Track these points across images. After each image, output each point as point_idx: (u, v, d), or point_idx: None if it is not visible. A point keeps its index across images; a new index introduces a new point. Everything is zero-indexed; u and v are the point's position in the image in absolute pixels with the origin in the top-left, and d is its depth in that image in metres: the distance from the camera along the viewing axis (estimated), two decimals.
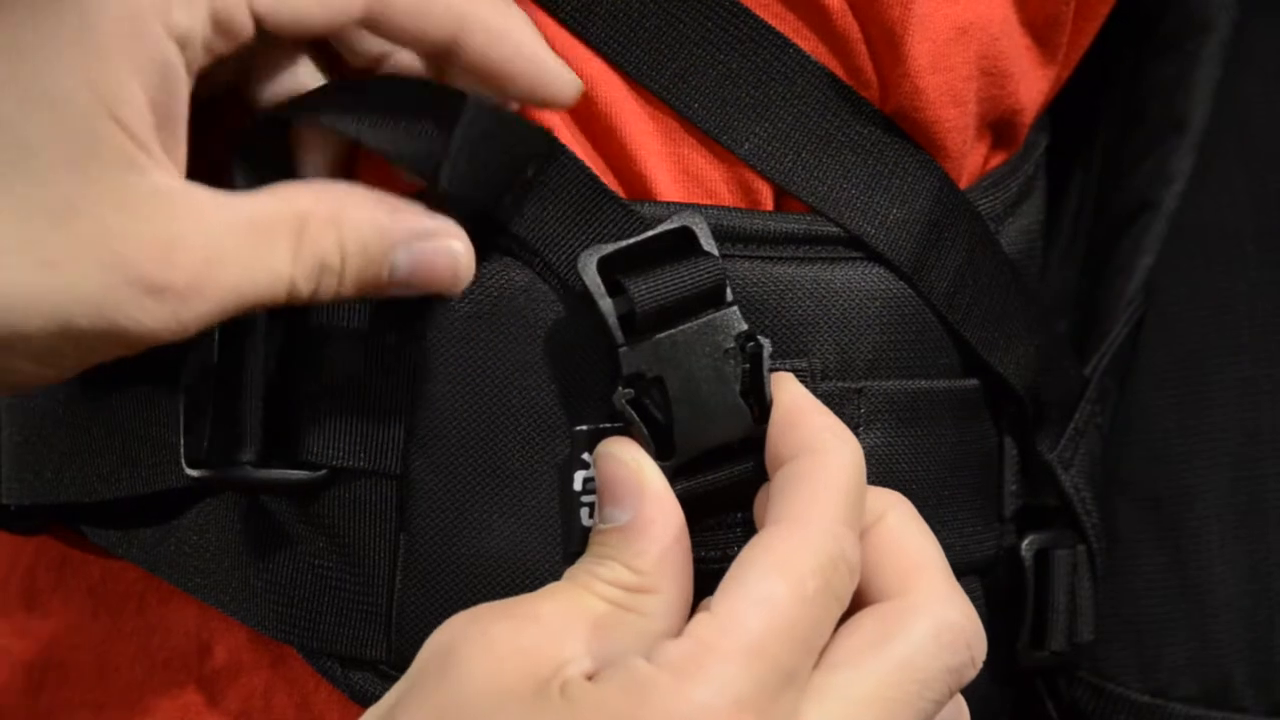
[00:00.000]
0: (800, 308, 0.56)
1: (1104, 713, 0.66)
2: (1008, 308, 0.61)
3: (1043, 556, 0.63)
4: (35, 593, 0.63)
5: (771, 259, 0.56)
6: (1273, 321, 0.66)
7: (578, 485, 0.54)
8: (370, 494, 0.56)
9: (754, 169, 0.56)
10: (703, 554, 0.52)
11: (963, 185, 0.60)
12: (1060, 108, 0.67)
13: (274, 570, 0.57)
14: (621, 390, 0.51)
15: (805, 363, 0.56)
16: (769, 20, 0.56)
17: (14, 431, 0.60)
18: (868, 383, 0.57)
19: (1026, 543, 0.63)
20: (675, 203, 0.56)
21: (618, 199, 0.55)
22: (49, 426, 0.59)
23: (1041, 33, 0.61)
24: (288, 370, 0.55)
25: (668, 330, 0.52)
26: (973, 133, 0.60)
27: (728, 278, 0.53)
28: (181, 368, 0.56)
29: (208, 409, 0.55)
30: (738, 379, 0.52)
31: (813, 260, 0.56)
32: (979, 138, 0.61)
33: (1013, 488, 0.63)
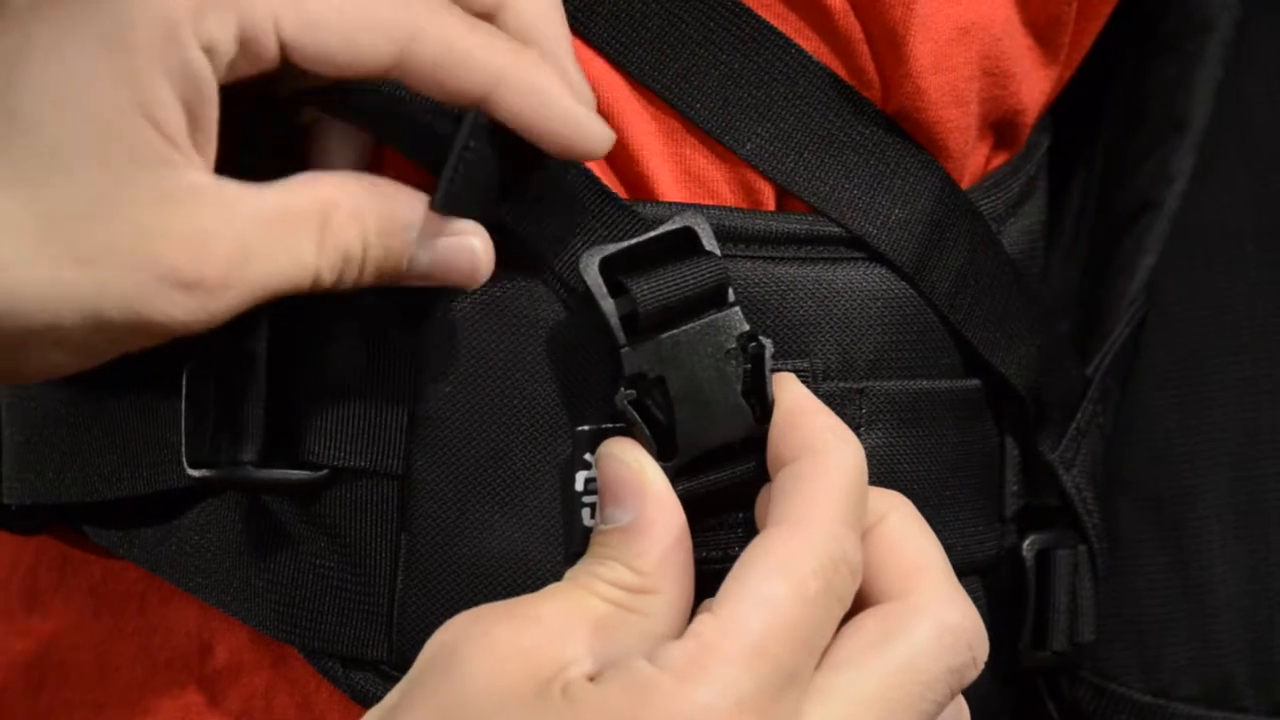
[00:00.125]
0: (802, 308, 0.56)
1: (1105, 713, 0.66)
2: (1009, 308, 0.61)
3: (1044, 556, 0.63)
4: (36, 592, 0.63)
5: (773, 259, 0.56)
6: (1273, 321, 0.66)
7: (579, 485, 0.54)
8: (372, 494, 0.56)
9: (756, 169, 0.56)
10: (704, 554, 0.51)
11: (965, 185, 0.60)
12: (1062, 108, 0.67)
13: (275, 570, 0.57)
14: (623, 391, 0.51)
15: (807, 363, 0.56)
16: (771, 20, 0.56)
17: (15, 431, 0.60)
18: (869, 383, 0.57)
19: (1028, 543, 0.63)
20: (677, 203, 0.56)
21: (618, 200, 0.55)
22: (50, 426, 0.59)
23: (1043, 33, 0.61)
24: (289, 370, 0.55)
25: (670, 331, 0.52)
26: (975, 133, 0.60)
27: (730, 278, 0.53)
28: (183, 368, 0.56)
29: (209, 409, 0.55)
30: (740, 379, 0.52)
31: (814, 260, 0.56)
32: (981, 138, 0.61)
33: (1014, 488, 0.63)
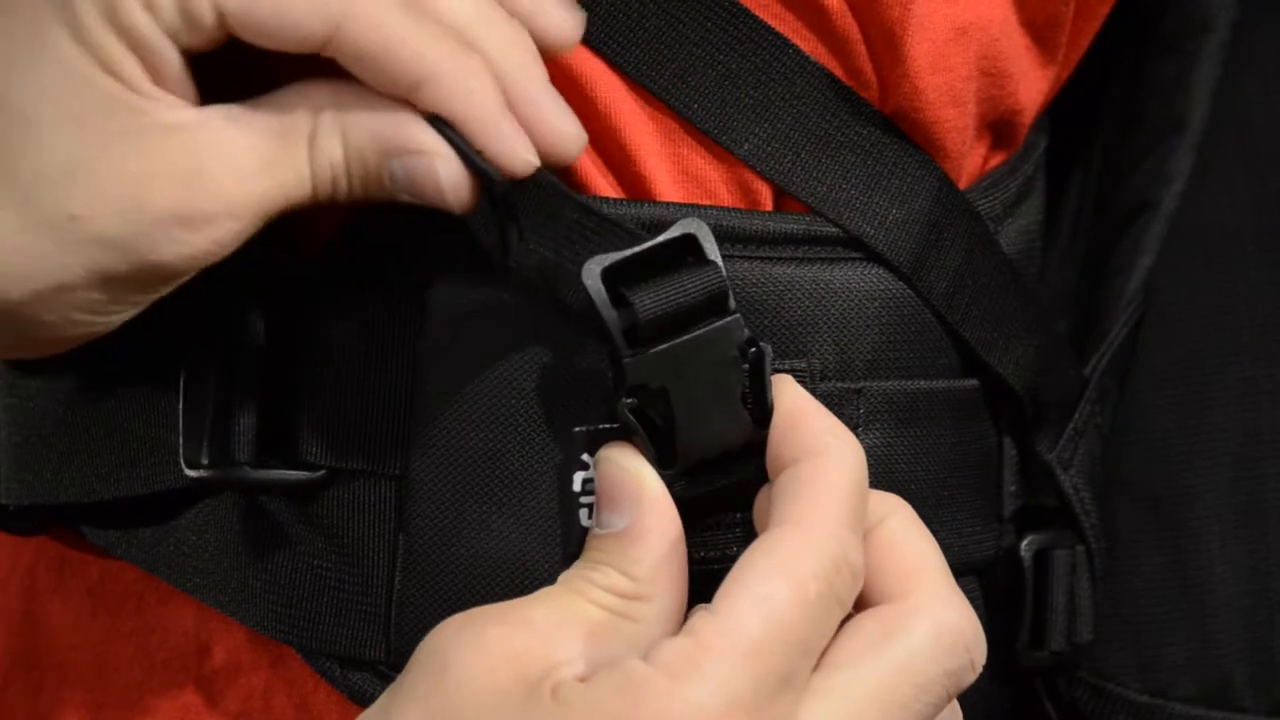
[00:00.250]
0: (799, 308, 0.56)
1: (1103, 713, 0.66)
2: (1007, 308, 0.61)
3: (1042, 557, 0.63)
4: (35, 593, 0.63)
5: (770, 259, 0.56)
6: (1273, 321, 0.66)
7: (577, 486, 0.54)
8: (369, 494, 0.56)
9: (753, 169, 0.56)
10: (701, 554, 0.51)
11: (962, 186, 0.60)
12: (1060, 108, 0.67)
13: (273, 570, 0.57)
14: (624, 400, 0.51)
15: (804, 363, 0.56)
16: (768, 20, 0.56)
17: (13, 432, 0.60)
18: (867, 383, 0.57)
19: (1025, 543, 0.63)
20: (674, 203, 0.56)
21: (617, 203, 0.55)
22: (48, 427, 0.59)
23: (1041, 33, 0.61)
24: (286, 371, 0.55)
25: (671, 340, 0.51)
26: (972, 133, 0.60)
27: (730, 286, 0.52)
28: (180, 368, 0.56)
29: (207, 409, 0.55)
30: (740, 387, 0.52)
31: (812, 261, 0.56)
32: (978, 138, 0.61)
33: (1012, 488, 0.63)
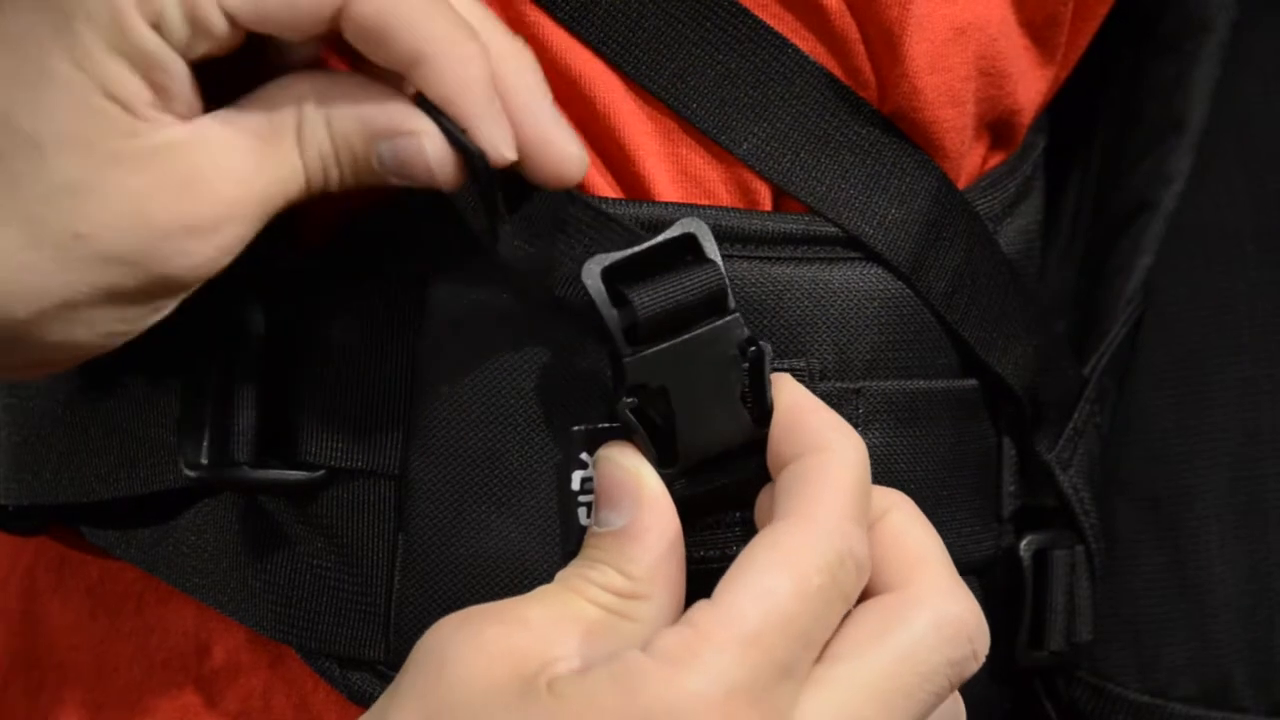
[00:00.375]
0: (798, 308, 0.56)
1: (1103, 713, 0.66)
2: (1006, 308, 0.61)
3: (1041, 557, 0.63)
4: (34, 593, 0.63)
5: (770, 259, 0.56)
6: (1272, 321, 0.66)
7: (575, 485, 0.54)
8: (368, 494, 0.56)
9: (752, 169, 0.56)
10: (701, 553, 0.51)
11: (961, 185, 0.60)
12: (1059, 108, 0.67)
13: (272, 570, 0.57)
14: (625, 400, 0.51)
15: (803, 363, 0.56)
16: (767, 20, 0.56)
17: (13, 432, 0.60)
18: (866, 383, 0.57)
19: (1025, 543, 0.63)
20: (674, 203, 0.56)
21: (616, 203, 0.55)
22: (48, 427, 0.59)
23: (1040, 33, 0.61)
24: (285, 371, 0.55)
25: (671, 340, 0.51)
26: (971, 133, 0.60)
27: (730, 285, 0.52)
28: (179, 368, 0.56)
29: (205, 409, 0.55)
30: (740, 387, 0.52)
31: (811, 260, 0.56)
32: (977, 138, 0.61)
33: (1011, 488, 0.63)
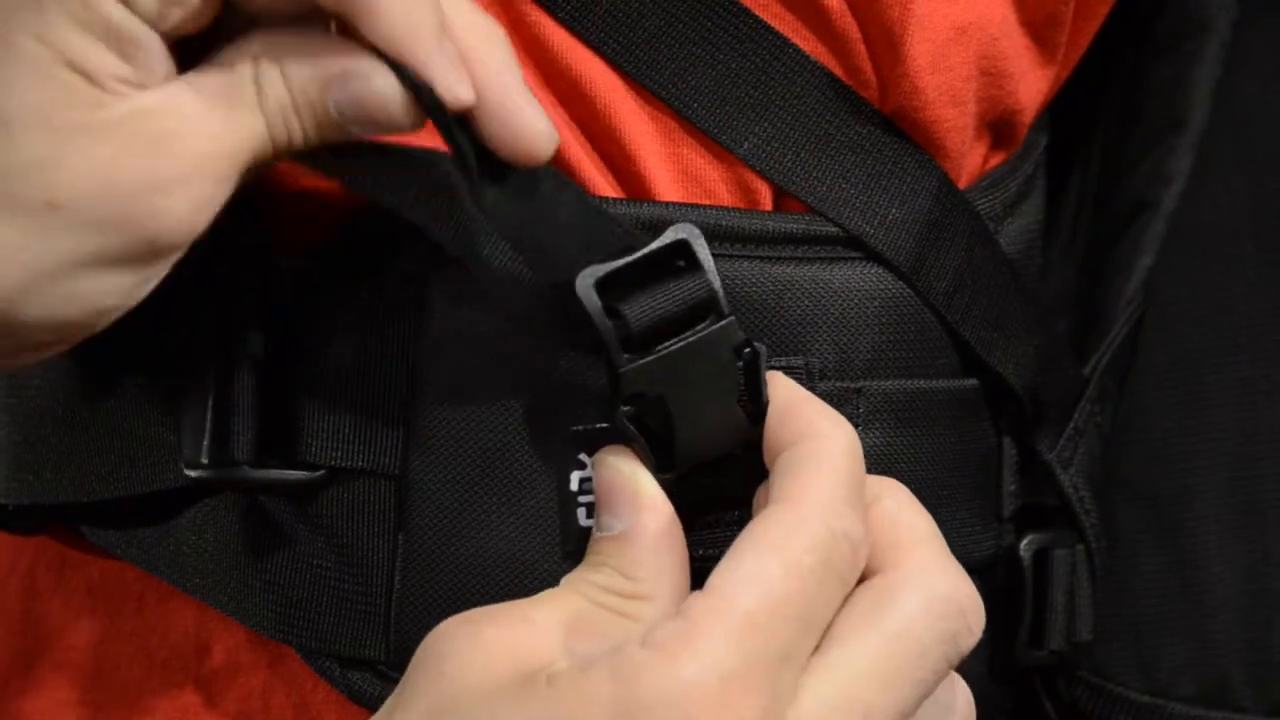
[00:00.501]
0: (799, 307, 0.56)
1: (1103, 712, 0.66)
2: (1007, 307, 0.61)
3: (1041, 556, 0.63)
4: (35, 593, 0.63)
5: (770, 259, 0.56)
6: (1271, 321, 0.66)
7: (574, 485, 0.54)
8: (369, 494, 0.56)
9: (753, 169, 0.56)
10: (701, 552, 0.51)
11: (962, 185, 0.60)
12: (1059, 107, 0.67)
13: (272, 570, 0.57)
14: (622, 409, 0.51)
15: (802, 360, 0.56)
16: (768, 20, 0.56)
17: (13, 431, 0.60)
18: (866, 382, 0.57)
19: (1025, 542, 0.63)
20: (674, 203, 0.56)
21: (614, 203, 0.55)
22: (47, 426, 0.59)
23: (1041, 32, 0.61)
24: (285, 370, 0.55)
25: (666, 347, 0.51)
26: (972, 132, 0.60)
27: (723, 290, 0.52)
28: (179, 368, 0.56)
29: (206, 409, 0.55)
30: (736, 389, 0.52)
31: (811, 260, 0.56)
32: (978, 137, 0.61)
33: (1011, 488, 0.63)
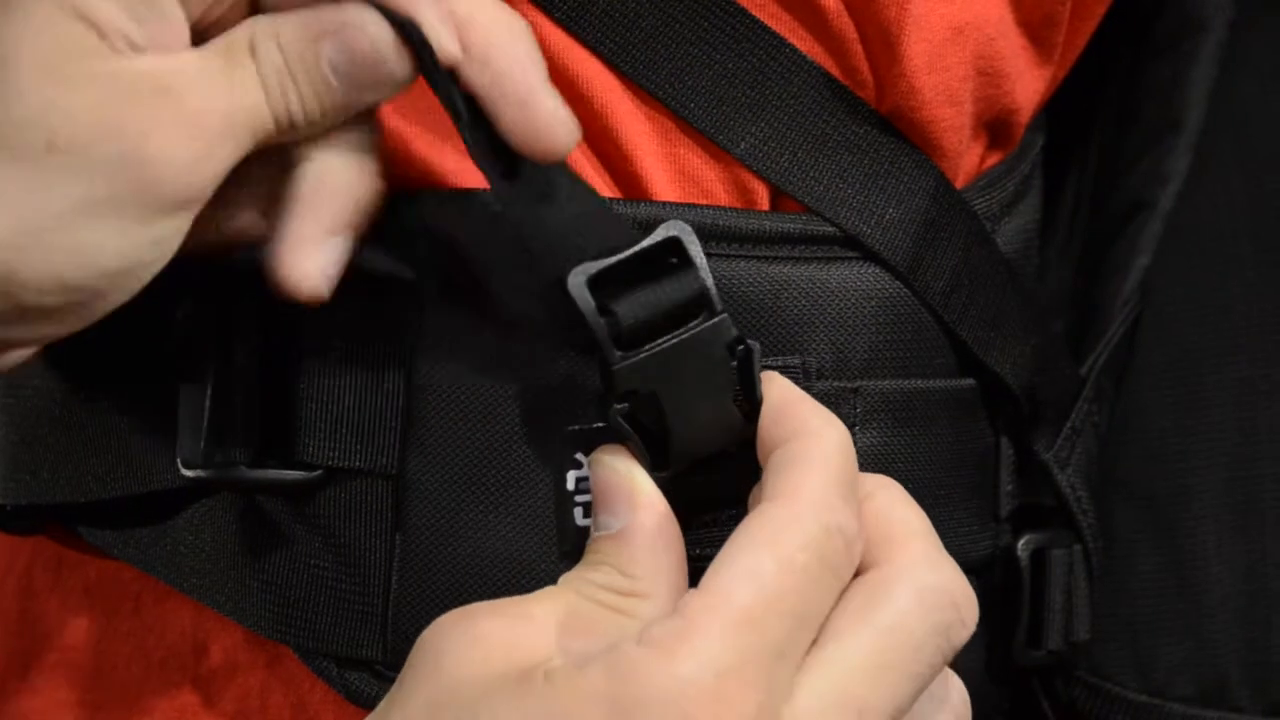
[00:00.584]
0: (795, 307, 0.56)
1: (1101, 712, 0.66)
2: (1004, 307, 0.61)
3: (1039, 556, 0.63)
4: (32, 593, 0.63)
5: (767, 259, 0.56)
6: (1269, 321, 0.66)
7: (570, 485, 0.54)
8: (366, 494, 0.56)
9: (750, 168, 0.56)
10: (697, 551, 0.51)
11: (959, 185, 0.60)
12: (1056, 107, 0.67)
13: (270, 570, 0.57)
14: (616, 407, 0.51)
15: (799, 360, 0.56)
16: (765, 20, 0.56)
17: (10, 431, 0.60)
18: (863, 382, 0.57)
19: (1023, 542, 0.63)
20: (671, 203, 0.56)
21: (611, 201, 0.55)
22: (44, 426, 0.59)
23: (1037, 32, 0.61)
24: (283, 370, 0.55)
25: (659, 344, 0.51)
26: (969, 132, 0.60)
27: (717, 288, 0.52)
28: (177, 367, 0.56)
29: (203, 409, 0.55)
30: (730, 387, 0.52)
31: (808, 260, 0.56)
32: (975, 137, 0.61)
33: (1009, 487, 0.63)
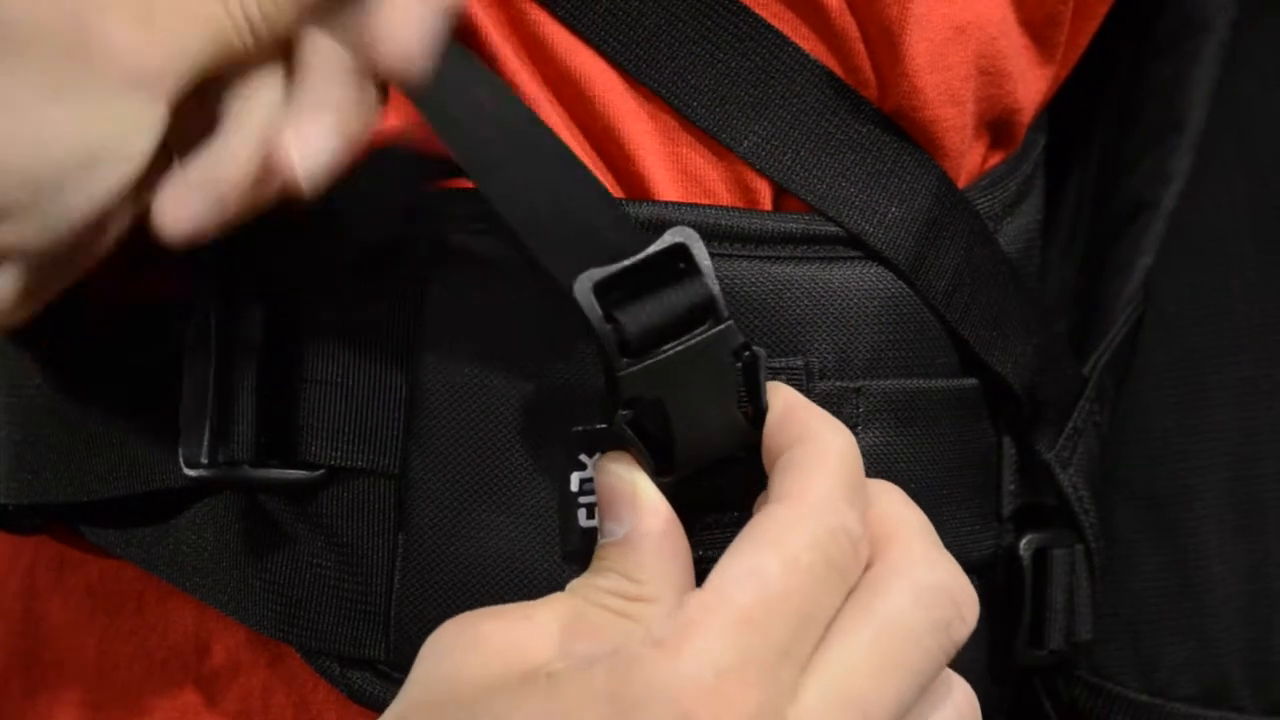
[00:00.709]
0: (798, 307, 0.56)
1: (1102, 712, 0.66)
2: (1006, 307, 0.61)
3: (1041, 556, 0.63)
4: (34, 592, 0.63)
5: (769, 259, 0.56)
6: (1272, 321, 0.66)
7: (574, 486, 0.54)
8: (369, 493, 0.56)
9: (753, 167, 0.56)
10: (701, 553, 0.52)
11: (961, 184, 0.60)
12: (1059, 107, 0.67)
13: (272, 570, 0.57)
14: (621, 413, 0.51)
15: (802, 360, 0.56)
16: (767, 19, 0.56)
17: (12, 430, 0.60)
18: (866, 382, 0.57)
19: (1025, 542, 0.63)
20: (674, 202, 0.56)
21: (615, 203, 0.55)
22: (47, 426, 0.59)
23: (1039, 32, 0.61)
24: (285, 369, 0.55)
25: (665, 351, 0.51)
26: (971, 132, 0.60)
27: (722, 291, 0.51)
28: (179, 367, 0.56)
29: (206, 408, 0.55)
30: (735, 393, 0.52)
31: (811, 260, 0.56)
32: (977, 137, 0.61)
33: (1011, 487, 0.63)
